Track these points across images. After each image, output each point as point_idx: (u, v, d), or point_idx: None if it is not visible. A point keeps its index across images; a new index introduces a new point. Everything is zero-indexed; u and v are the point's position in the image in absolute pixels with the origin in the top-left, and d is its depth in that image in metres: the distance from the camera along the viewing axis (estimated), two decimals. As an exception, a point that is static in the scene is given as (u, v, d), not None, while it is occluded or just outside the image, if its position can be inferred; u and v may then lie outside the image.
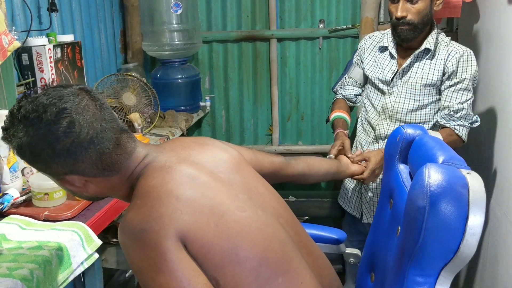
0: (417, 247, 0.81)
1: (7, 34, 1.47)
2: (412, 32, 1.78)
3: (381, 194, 1.18)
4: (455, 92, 1.79)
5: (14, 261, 1.10)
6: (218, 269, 0.86)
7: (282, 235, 0.98)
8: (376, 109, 1.95)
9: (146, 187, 0.92)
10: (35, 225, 1.29)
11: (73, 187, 0.97)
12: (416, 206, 0.80)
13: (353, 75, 2.06)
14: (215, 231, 0.87)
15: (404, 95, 1.86)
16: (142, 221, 0.86)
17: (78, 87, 0.94)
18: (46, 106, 0.88)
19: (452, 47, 1.82)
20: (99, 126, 0.91)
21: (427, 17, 1.77)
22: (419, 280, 0.84)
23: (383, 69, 1.91)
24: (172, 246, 0.84)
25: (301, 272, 0.97)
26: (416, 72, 1.84)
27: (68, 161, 0.90)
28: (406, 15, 1.75)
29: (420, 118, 1.88)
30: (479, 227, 0.78)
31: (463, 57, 1.79)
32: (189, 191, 0.91)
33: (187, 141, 1.09)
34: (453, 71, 1.79)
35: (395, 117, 1.89)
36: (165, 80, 2.63)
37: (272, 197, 1.08)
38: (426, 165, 0.83)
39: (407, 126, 1.13)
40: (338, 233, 1.39)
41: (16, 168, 1.44)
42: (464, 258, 0.80)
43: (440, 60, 1.82)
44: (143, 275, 0.86)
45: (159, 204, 0.87)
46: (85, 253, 1.25)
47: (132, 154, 0.97)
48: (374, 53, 1.98)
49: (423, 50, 1.83)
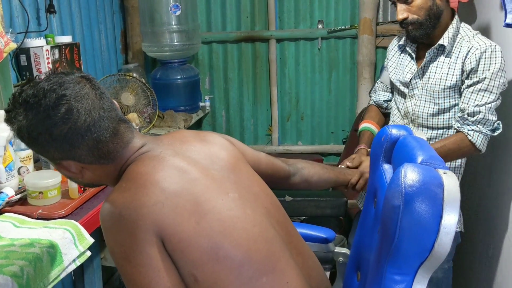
0: (393, 246, 0.82)
1: (3, 36, 1.50)
2: (420, 30, 1.65)
3: (367, 193, 1.19)
4: (473, 93, 1.59)
5: (5, 258, 1.12)
6: (196, 266, 0.87)
7: (270, 235, 0.98)
8: (400, 114, 1.83)
9: (134, 172, 0.93)
10: (28, 223, 1.32)
11: (69, 173, 0.98)
12: (392, 205, 0.81)
13: (383, 80, 1.94)
14: (195, 228, 0.88)
15: (424, 98, 1.71)
16: (123, 207, 0.87)
17: (80, 75, 0.95)
18: (46, 92, 0.89)
19: (475, 42, 1.62)
20: (97, 115, 0.91)
21: (433, 10, 1.63)
22: (396, 279, 0.85)
23: (403, 70, 1.80)
24: (145, 239, 0.85)
25: (287, 272, 0.96)
26: (435, 73, 1.68)
27: (65, 146, 0.91)
28: (407, 16, 1.65)
29: (443, 123, 1.70)
30: (453, 226, 0.78)
31: (486, 54, 1.58)
32: (176, 185, 0.91)
33: (187, 136, 1.08)
34: (471, 68, 1.60)
35: (417, 122, 1.75)
36: (165, 81, 2.65)
37: (266, 197, 1.08)
38: (403, 165, 0.84)
39: (392, 126, 1.14)
40: (327, 232, 1.40)
41: (12, 167, 1.46)
42: (439, 256, 0.80)
43: (459, 57, 1.64)
44: (114, 256, 0.88)
45: (142, 193, 0.88)
46: (77, 251, 1.27)
47: (129, 144, 0.97)
48: (397, 54, 1.86)
49: (438, 47, 1.68)
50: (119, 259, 0.87)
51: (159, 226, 0.86)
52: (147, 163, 0.94)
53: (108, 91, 2.25)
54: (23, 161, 1.54)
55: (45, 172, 1.52)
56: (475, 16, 2.13)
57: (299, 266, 1.02)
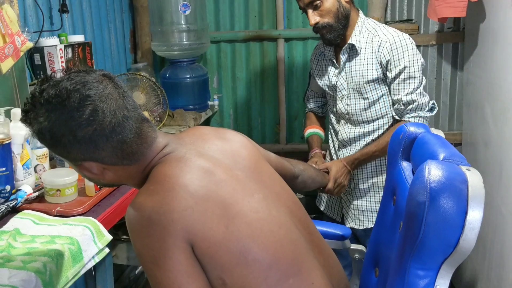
0: (418, 241, 0.83)
1: (20, 35, 1.51)
2: (333, 32, 1.76)
3: (385, 191, 1.20)
4: (400, 84, 1.73)
5: (28, 255, 1.13)
6: (225, 270, 0.86)
7: (295, 236, 0.98)
8: (335, 115, 1.95)
9: (162, 175, 0.91)
10: (47, 220, 1.33)
11: (90, 174, 0.96)
12: (417, 201, 0.82)
13: (312, 88, 2.08)
14: (225, 232, 0.87)
15: (353, 96, 1.83)
16: (152, 211, 0.85)
17: (101, 73, 0.92)
18: (70, 92, 0.86)
19: (383, 35, 1.76)
20: (121, 115, 0.89)
21: (340, 12, 1.74)
22: (420, 274, 0.86)
23: (328, 75, 1.91)
24: (175, 245, 0.84)
25: (312, 272, 0.96)
26: (355, 70, 1.80)
27: (89, 148, 0.89)
28: (319, 21, 1.74)
29: (376, 114, 1.83)
30: (478, 222, 0.80)
31: (396, 44, 1.72)
32: (204, 189, 0.90)
33: (207, 133, 1.07)
34: (387, 60, 1.74)
35: (352, 119, 1.87)
36: (174, 80, 2.66)
37: (287, 196, 1.07)
38: (426, 162, 0.85)
39: (410, 124, 1.15)
40: (343, 229, 1.42)
41: (29, 165, 1.48)
42: (464, 252, 0.82)
43: (373, 52, 1.76)
44: (142, 259, 0.87)
45: (171, 197, 0.87)
46: (96, 248, 1.28)
47: (153, 144, 0.96)
48: (319, 61, 1.97)
49: (349, 46, 1.80)
50: (148, 263, 0.86)
51: (189, 232, 0.85)
52: (174, 165, 0.93)
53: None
54: (39, 159, 1.56)
55: (62, 170, 1.53)
56: (484, 15, 2.14)
57: (321, 265, 1.02)
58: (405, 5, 2.70)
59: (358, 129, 1.87)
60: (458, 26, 2.62)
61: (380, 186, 1.88)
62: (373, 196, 1.89)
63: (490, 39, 2.06)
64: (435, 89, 2.73)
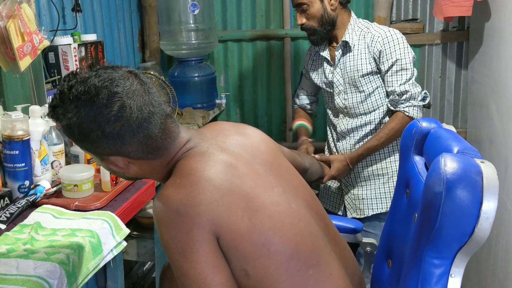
0: (434, 230, 0.86)
1: (37, 33, 1.54)
2: (316, 35, 1.92)
3: (397, 185, 1.23)
4: (393, 76, 1.86)
5: (50, 247, 1.16)
6: (248, 261, 0.89)
7: (313, 228, 1.01)
8: (332, 111, 2.07)
9: (187, 168, 0.94)
10: (67, 214, 1.36)
11: (116, 168, 0.99)
12: (433, 191, 0.85)
13: (303, 86, 2.21)
14: (248, 225, 0.90)
15: (350, 90, 1.95)
16: (180, 203, 0.88)
17: (127, 70, 0.95)
18: (98, 89, 0.89)
19: (375, 31, 1.90)
20: (147, 111, 0.92)
21: (325, 18, 1.89)
22: (436, 263, 0.89)
23: (324, 73, 2.03)
24: (202, 236, 0.87)
25: (330, 263, 0.99)
26: (350, 66, 1.92)
27: (116, 143, 0.92)
28: (304, 22, 1.92)
29: (372, 106, 1.94)
30: (492, 211, 0.83)
31: (388, 38, 1.86)
32: (228, 183, 0.92)
33: (228, 128, 1.10)
34: (380, 52, 1.86)
35: (350, 113, 1.98)
36: (182, 78, 2.70)
37: (305, 190, 1.10)
38: (442, 155, 0.88)
39: (422, 119, 1.18)
40: (355, 223, 1.45)
41: (46, 161, 1.51)
42: (479, 241, 0.85)
43: (366, 47, 1.89)
44: (169, 251, 0.90)
45: (198, 190, 0.89)
46: (115, 241, 1.31)
47: (176, 139, 0.98)
48: (314, 61, 2.10)
49: (343, 43, 1.93)
50: (175, 253, 0.88)
51: (215, 224, 0.87)
52: (198, 159, 0.95)
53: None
54: (55, 155, 1.59)
55: (78, 166, 1.57)
56: (489, 14, 2.17)
57: (338, 257, 1.05)
58: (410, 5, 2.73)
59: (356, 120, 1.98)
60: (463, 25, 2.65)
61: (378, 173, 2.00)
62: (372, 184, 2.00)
63: (495, 37, 2.09)
64: (440, 88, 2.77)
